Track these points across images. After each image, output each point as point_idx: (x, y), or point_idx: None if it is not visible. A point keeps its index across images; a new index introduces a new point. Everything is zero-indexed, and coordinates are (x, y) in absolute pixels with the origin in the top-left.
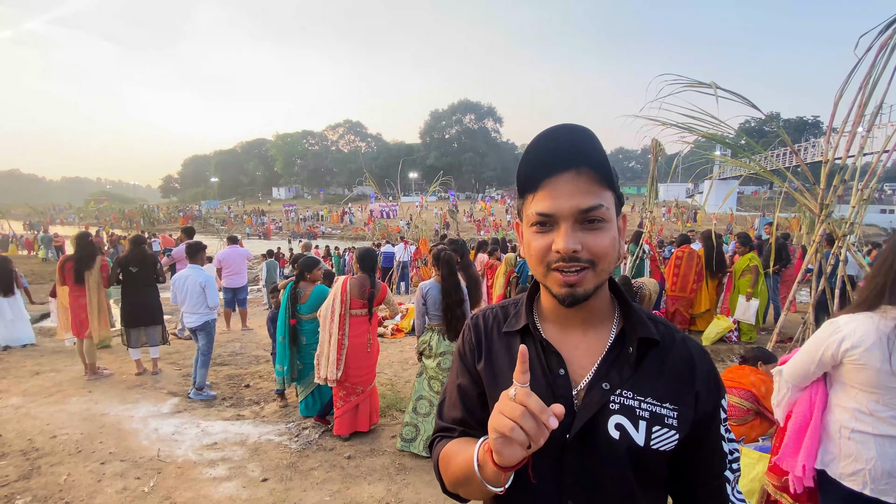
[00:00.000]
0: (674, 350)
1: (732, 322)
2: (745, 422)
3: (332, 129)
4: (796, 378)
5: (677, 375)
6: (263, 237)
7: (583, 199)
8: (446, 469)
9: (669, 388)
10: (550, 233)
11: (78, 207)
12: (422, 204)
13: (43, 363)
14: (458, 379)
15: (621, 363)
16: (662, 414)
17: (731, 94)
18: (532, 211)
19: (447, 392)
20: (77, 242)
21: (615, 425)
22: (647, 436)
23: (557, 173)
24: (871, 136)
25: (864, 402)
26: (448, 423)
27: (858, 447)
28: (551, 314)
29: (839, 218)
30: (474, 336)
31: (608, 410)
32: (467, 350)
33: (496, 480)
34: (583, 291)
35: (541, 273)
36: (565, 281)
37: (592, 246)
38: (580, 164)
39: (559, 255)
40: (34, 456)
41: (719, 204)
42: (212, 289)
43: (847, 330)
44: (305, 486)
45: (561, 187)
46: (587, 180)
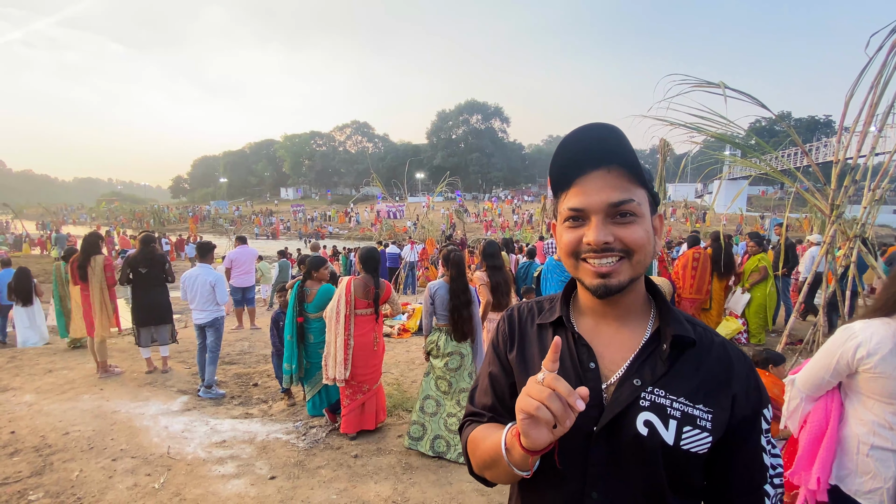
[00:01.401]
0: (712, 352)
1: (742, 324)
2: None
3: (340, 129)
4: (810, 387)
5: (714, 377)
6: (272, 237)
7: (613, 193)
8: (474, 451)
9: (704, 389)
10: (582, 227)
11: (90, 207)
12: (428, 204)
13: (56, 361)
14: (490, 367)
15: (654, 361)
16: (695, 415)
17: (740, 94)
18: (564, 207)
19: (479, 379)
20: (82, 241)
21: (644, 422)
22: (677, 435)
23: (588, 171)
24: (883, 136)
25: (883, 414)
26: (478, 409)
27: (877, 464)
28: (587, 309)
29: (851, 219)
30: (508, 326)
31: (638, 407)
32: (500, 340)
33: (523, 464)
34: (616, 283)
35: (572, 266)
36: (597, 271)
37: (625, 237)
38: (610, 162)
39: (590, 246)
40: (47, 452)
41: (728, 204)
42: (221, 287)
43: (863, 336)
44: (312, 484)
45: (591, 184)
46: (617, 177)
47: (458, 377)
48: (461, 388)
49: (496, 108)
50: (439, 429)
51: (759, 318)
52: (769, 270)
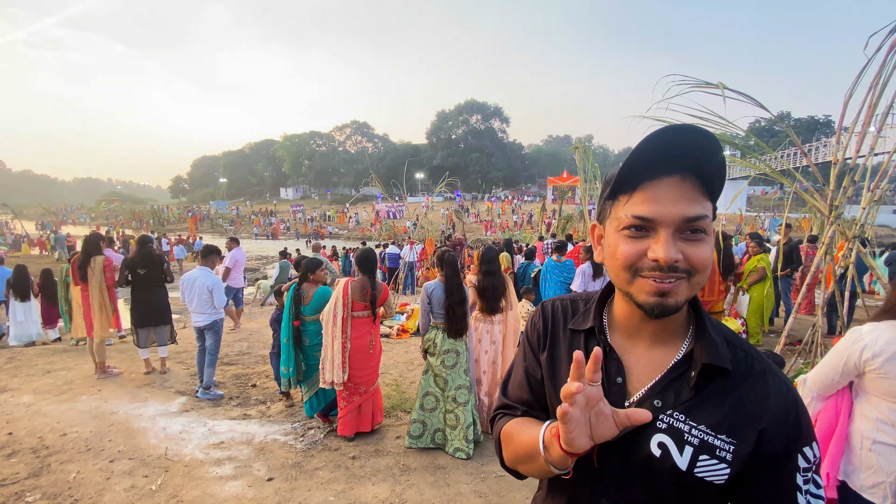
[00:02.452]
0: (748, 382)
1: (741, 324)
2: None
3: (340, 129)
4: (820, 387)
5: (743, 409)
6: (272, 237)
7: (688, 206)
8: (508, 445)
9: (730, 420)
10: (646, 239)
11: (90, 208)
12: (427, 205)
13: (54, 362)
14: (525, 362)
15: (681, 384)
16: (715, 445)
17: (739, 95)
18: (627, 213)
19: (513, 371)
20: (83, 241)
21: (658, 444)
22: (691, 462)
23: (660, 177)
24: (882, 136)
25: (887, 412)
26: (511, 402)
27: (880, 459)
28: (622, 322)
29: (850, 219)
30: (542, 324)
31: (654, 428)
32: (534, 337)
33: (562, 463)
34: (674, 303)
35: (625, 279)
36: (658, 289)
37: (693, 257)
38: (689, 171)
39: (656, 263)
40: (44, 453)
41: (727, 204)
42: (219, 291)
43: (870, 338)
44: (310, 485)
45: (664, 192)
46: (691, 187)
47: (453, 374)
48: (457, 385)
49: (496, 108)
50: (439, 422)
51: (756, 318)
52: (768, 271)
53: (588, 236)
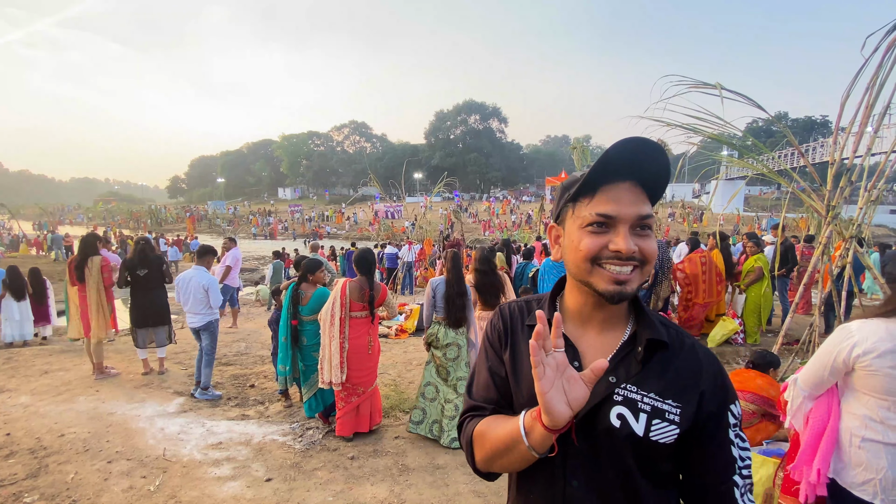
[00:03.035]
0: (682, 353)
1: (738, 324)
2: (750, 425)
3: (338, 129)
4: (811, 386)
5: (683, 375)
6: (269, 237)
7: (642, 206)
8: (482, 444)
9: (673, 386)
10: (606, 234)
11: (87, 208)
12: (426, 205)
13: (52, 362)
14: (489, 362)
15: (629, 361)
16: (664, 409)
17: (736, 95)
18: (591, 212)
19: (476, 373)
20: (80, 242)
21: (617, 415)
22: (646, 427)
23: (617, 181)
24: (879, 136)
25: (875, 408)
26: (479, 402)
27: (869, 456)
28: (574, 313)
29: (847, 219)
30: (502, 324)
31: (612, 401)
32: (496, 336)
33: (544, 444)
34: (630, 290)
35: (586, 270)
36: (616, 278)
37: (645, 248)
38: (639, 179)
39: (616, 253)
40: (42, 454)
41: (725, 204)
42: (215, 290)
43: (860, 335)
44: (309, 486)
45: (622, 194)
46: (640, 191)
47: (455, 366)
48: (458, 377)
49: (494, 109)
50: (437, 414)
51: (754, 317)
52: (765, 271)
53: None
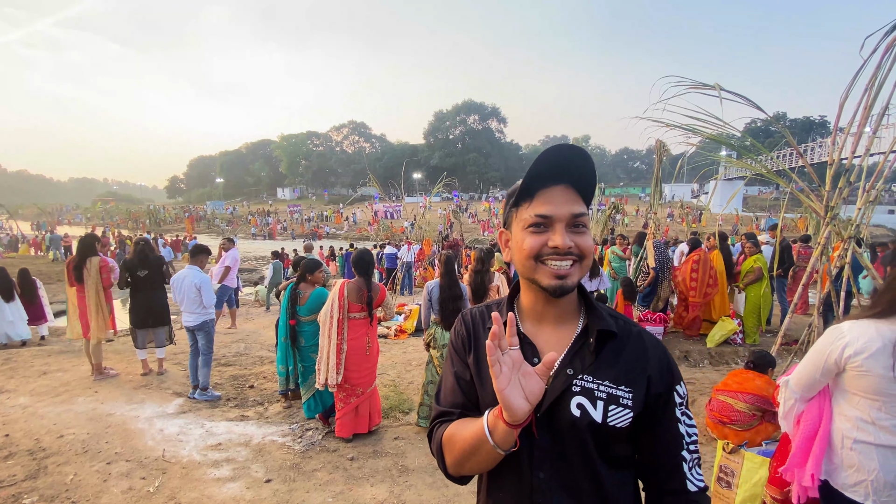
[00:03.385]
0: (630, 341)
1: (738, 324)
2: (750, 427)
3: (337, 129)
4: (803, 388)
5: (632, 362)
6: (268, 238)
7: (574, 206)
8: (451, 448)
9: (624, 373)
10: (545, 233)
11: (85, 208)
12: (425, 205)
13: (50, 363)
14: (454, 367)
15: (584, 352)
16: (618, 395)
17: (735, 96)
18: (530, 214)
19: (443, 380)
20: (78, 242)
21: (576, 405)
22: (604, 413)
23: (551, 185)
24: (877, 137)
25: (867, 409)
26: (447, 408)
27: (861, 458)
28: (530, 311)
29: (845, 219)
30: (465, 330)
31: (571, 392)
32: (459, 342)
33: (507, 440)
34: (570, 283)
35: (531, 267)
36: (557, 273)
37: (581, 244)
38: (571, 182)
39: (555, 249)
40: (41, 455)
41: (724, 205)
42: (207, 289)
43: (850, 336)
44: (308, 487)
45: (556, 196)
46: (573, 193)
47: None
48: None
49: (493, 109)
50: None
51: (753, 318)
52: (764, 271)
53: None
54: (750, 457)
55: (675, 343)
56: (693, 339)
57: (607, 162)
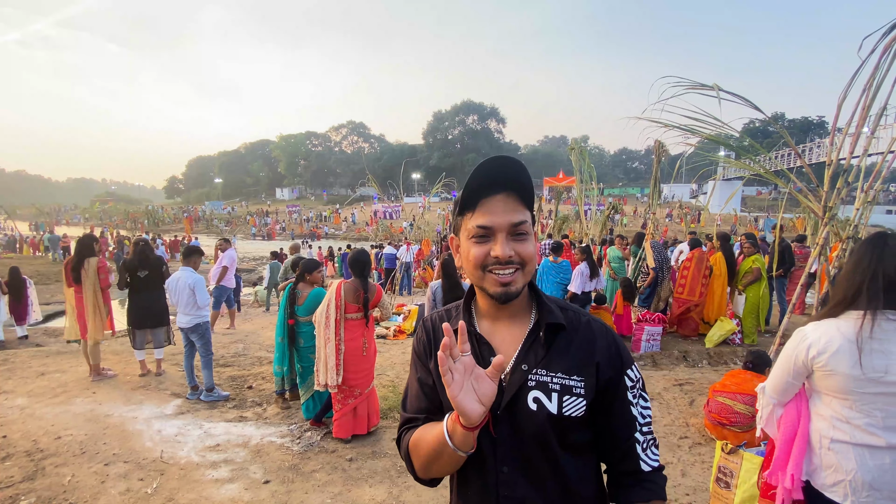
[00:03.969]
0: (579, 331)
1: (736, 324)
2: (750, 428)
3: (336, 130)
4: (778, 392)
5: (581, 351)
6: (268, 238)
7: (513, 215)
8: (417, 453)
9: (575, 362)
10: (487, 243)
11: (83, 208)
12: (424, 205)
13: (48, 364)
14: (418, 373)
15: (536, 347)
16: (570, 385)
17: (734, 96)
18: (472, 225)
19: (408, 387)
20: (76, 243)
21: (533, 399)
22: (559, 405)
23: (491, 195)
24: (875, 137)
25: (839, 408)
26: (412, 414)
27: (838, 457)
28: (485, 312)
29: (844, 219)
30: (425, 336)
31: (527, 387)
32: (421, 348)
33: (466, 442)
34: (515, 290)
35: (478, 276)
36: (501, 281)
37: (522, 252)
38: (509, 189)
39: (496, 259)
40: (39, 457)
41: (722, 205)
42: (201, 290)
43: (813, 337)
44: (307, 488)
45: (495, 206)
46: (514, 201)
47: None
48: None
49: (492, 109)
50: None
51: (752, 318)
52: (762, 272)
53: (583, 237)
54: (749, 457)
55: (674, 343)
56: (692, 340)
57: (606, 162)
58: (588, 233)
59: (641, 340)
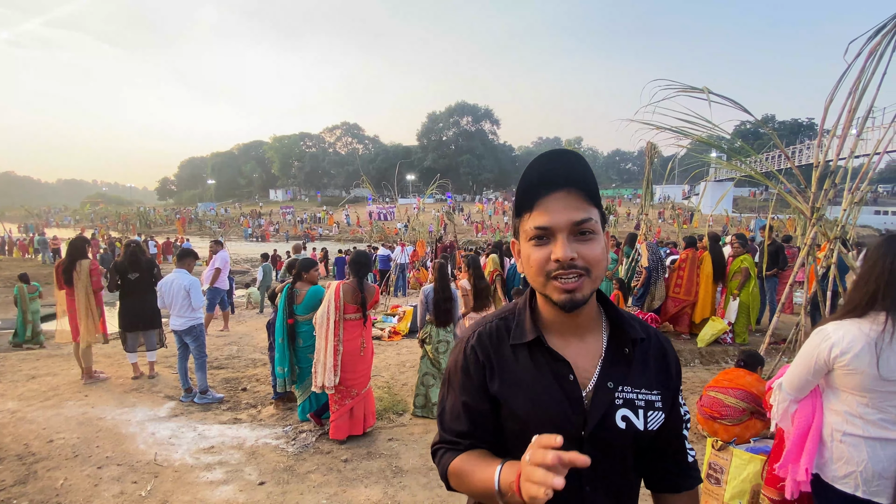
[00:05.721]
0: (652, 345)
1: (727, 324)
2: (740, 422)
3: (330, 131)
4: (795, 389)
5: (657, 365)
6: (261, 240)
7: (575, 213)
8: (460, 483)
9: (654, 377)
10: (548, 245)
11: (74, 210)
12: (418, 206)
13: (39, 367)
14: (463, 395)
15: (618, 362)
16: (652, 400)
17: (724, 99)
18: (530, 226)
19: (447, 405)
20: (68, 245)
21: (621, 417)
22: (645, 421)
23: (550, 193)
24: (862, 139)
25: (854, 405)
26: (453, 437)
27: (850, 450)
28: (551, 323)
29: (832, 220)
30: (482, 353)
31: (615, 406)
32: (472, 367)
33: None
34: (581, 297)
35: (541, 283)
36: (564, 288)
37: (586, 254)
38: (570, 185)
39: (558, 263)
40: (31, 461)
41: (713, 206)
42: (196, 291)
43: (836, 337)
44: (302, 489)
45: (554, 204)
46: (576, 198)
47: (445, 358)
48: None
49: (486, 110)
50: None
51: (743, 318)
52: (751, 271)
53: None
54: (738, 453)
55: None
56: (684, 339)
57: (600, 163)
58: None
59: None
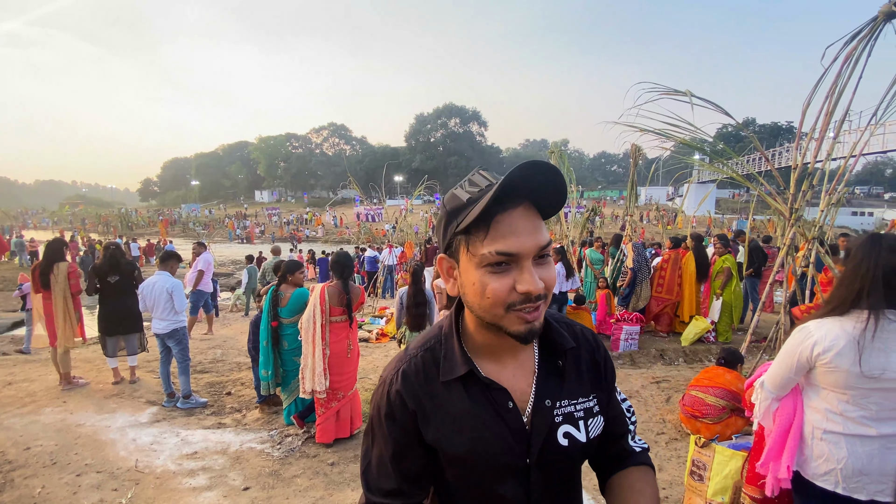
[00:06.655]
0: (583, 349)
1: (710, 323)
2: (720, 420)
3: (317, 131)
4: (777, 387)
5: (590, 368)
6: (246, 241)
7: (539, 236)
8: None
9: (588, 382)
10: (509, 273)
11: (52, 211)
12: (406, 208)
13: (15, 373)
14: (390, 447)
15: (552, 374)
16: (591, 406)
17: (706, 102)
18: (490, 250)
19: (373, 460)
20: (45, 248)
21: (563, 434)
22: (586, 431)
23: (508, 209)
24: (838, 142)
25: (835, 402)
26: (380, 498)
27: (830, 447)
28: (485, 347)
29: (810, 221)
30: (409, 397)
31: (555, 424)
32: (399, 414)
33: None
34: (539, 325)
35: (497, 315)
36: (526, 319)
37: (548, 279)
38: (531, 198)
39: (525, 296)
40: (7, 469)
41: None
42: (179, 294)
43: (818, 335)
44: (288, 493)
45: (518, 223)
46: (535, 213)
47: None
48: None
49: (474, 112)
50: None
51: (726, 316)
52: (733, 270)
53: (562, 238)
54: (720, 450)
55: (652, 342)
56: (668, 339)
57: (585, 165)
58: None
59: (620, 340)
